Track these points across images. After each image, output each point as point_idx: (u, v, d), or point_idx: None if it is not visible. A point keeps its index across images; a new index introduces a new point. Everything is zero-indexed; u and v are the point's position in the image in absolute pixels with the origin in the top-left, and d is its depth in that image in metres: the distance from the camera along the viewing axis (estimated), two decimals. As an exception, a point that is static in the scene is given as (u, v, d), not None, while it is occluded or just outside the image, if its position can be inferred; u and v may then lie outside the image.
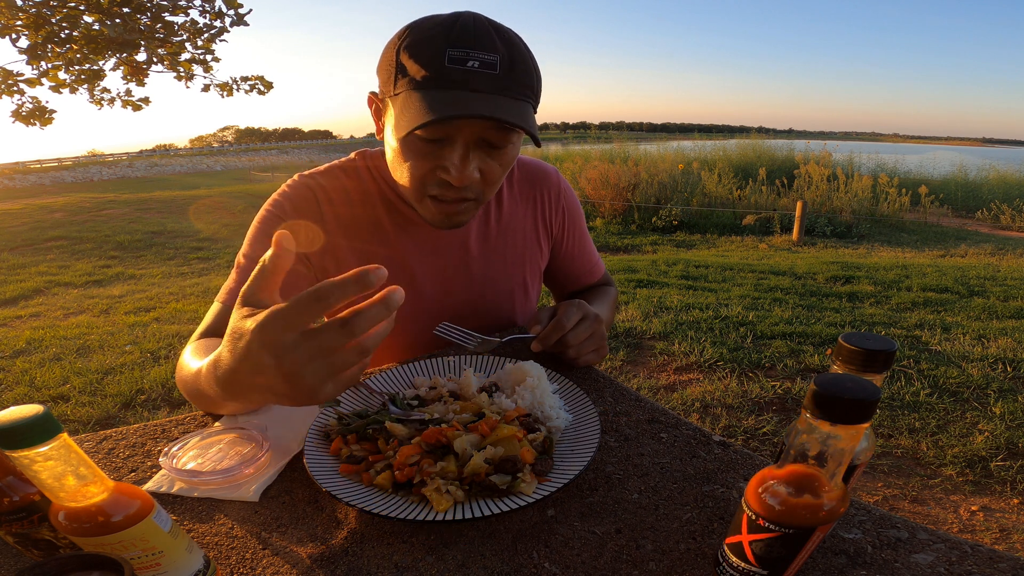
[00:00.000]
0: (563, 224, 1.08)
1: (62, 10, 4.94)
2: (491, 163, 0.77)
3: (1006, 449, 2.10)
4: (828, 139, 35.63)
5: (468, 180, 0.75)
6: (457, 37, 0.68)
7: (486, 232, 1.00)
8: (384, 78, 0.75)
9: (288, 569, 0.52)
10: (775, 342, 3.08)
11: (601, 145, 16.47)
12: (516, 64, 0.71)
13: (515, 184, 1.03)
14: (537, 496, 0.55)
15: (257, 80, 6.39)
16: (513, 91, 0.71)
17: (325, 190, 0.92)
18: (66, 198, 11.45)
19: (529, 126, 0.71)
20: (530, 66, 0.73)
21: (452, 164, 0.74)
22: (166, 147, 73.78)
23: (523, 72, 0.72)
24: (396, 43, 0.72)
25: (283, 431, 0.73)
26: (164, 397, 2.75)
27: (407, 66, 0.70)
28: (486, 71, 0.68)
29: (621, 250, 6.73)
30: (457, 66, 0.67)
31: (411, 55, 0.69)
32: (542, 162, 1.09)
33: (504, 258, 1.02)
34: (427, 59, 0.68)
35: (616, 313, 1.11)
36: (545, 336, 0.84)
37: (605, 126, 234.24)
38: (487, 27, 0.70)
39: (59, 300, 4.73)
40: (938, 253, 6.13)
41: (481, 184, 0.79)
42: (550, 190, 1.06)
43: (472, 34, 0.68)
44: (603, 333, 0.87)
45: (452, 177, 0.74)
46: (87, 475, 0.41)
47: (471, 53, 0.68)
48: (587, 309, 0.86)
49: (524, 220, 1.03)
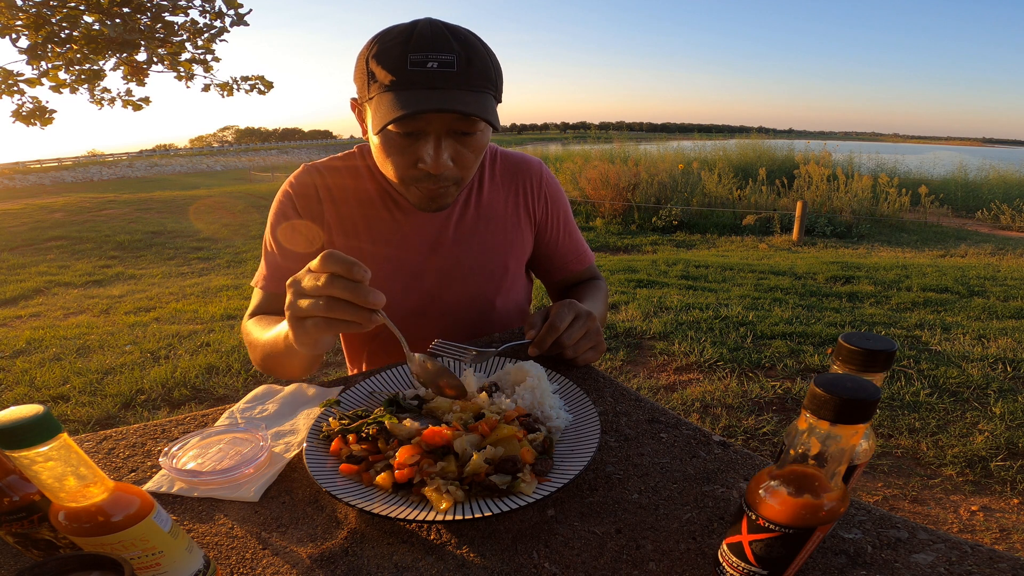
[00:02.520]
0: (546, 211, 1.12)
1: (62, 10, 4.94)
2: (462, 150, 0.85)
3: (1006, 449, 2.10)
4: (828, 139, 35.65)
5: (443, 168, 0.84)
6: (416, 43, 0.76)
7: (464, 218, 1.06)
8: (360, 85, 0.84)
9: (288, 569, 0.52)
10: (775, 342, 3.08)
11: (601, 145, 16.46)
12: (473, 60, 0.78)
13: (497, 174, 1.09)
14: (537, 496, 0.55)
15: (257, 80, 6.38)
16: (472, 85, 0.78)
17: (328, 188, 1.00)
18: (66, 198, 11.45)
19: (485, 113, 0.78)
20: (487, 61, 0.81)
21: (427, 155, 0.82)
22: (166, 147, 73.77)
23: (480, 67, 0.79)
24: (366, 53, 0.80)
25: (283, 431, 0.73)
26: (164, 397, 2.75)
27: (376, 73, 0.78)
28: (445, 70, 0.76)
29: (621, 250, 6.72)
30: (418, 68, 0.76)
31: (378, 63, 0.78)
32: (526, 155, 1.14)
33: (483, 241, 1.07)
34: (392, 65, 0.77)
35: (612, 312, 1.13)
36: (540, 340, 0.86)
37: (605, 126, 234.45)
38: (443, 31, 0.78)
39: (59, 300, 4.73)
40: (938, 253, 6.13)
41: (456, 170, 0.87)
42: (532, 179, 1.10)
43: (429, 39, 0.76)
44: (598, 329, 0.88)
45: (428, 167, 0.83)
46: (87, 475, 0.41)
47: (430, 55, 0.76)
48: (579, 308, 0.88)
49: (505, 207, 1.08)
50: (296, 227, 0.98)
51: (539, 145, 30.42)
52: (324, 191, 1.00)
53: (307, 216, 0.99)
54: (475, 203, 1.06)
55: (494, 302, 1.10)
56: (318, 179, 1.00)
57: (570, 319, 0.86)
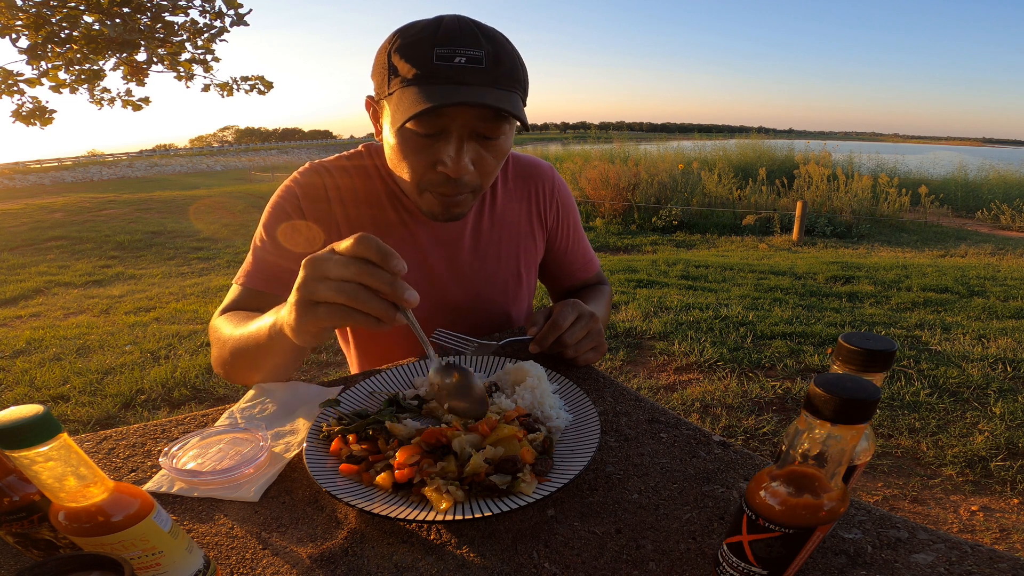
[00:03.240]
0: (557, 218, 1.11)
1: (62, 10, 4.94)
2: (485, 154, 0.81)
3: (1006, 449, 2.10)
4: (828, 139, 35.62)
5: (464, 171, 0.79)
6: (443, 37, 0.72)
7: (480, 226, 1.03)
8: (379, 81, 0.79)
9: (288, 569, 0.52)
10: (775, 342, 3.08)
11: (601, 145, 16.46)
12: (502, 58, 0.74)
13: (510, 179, 1.06)
14: (537, 496, 0.55)
15: (257, 80, 6.38)
16: (501, 83, 0.74)
17: (337, 188, 0.96)
18: (66, 198, 11.45)
19: (517, 110, 0.74)
20: (515, 60, 0.77)
21: (448, 156, 0.77)
22: (166, 147, 73.72)
23: (509, 66, 0.75)
24: (387, 47, 0.76)
25: (283, 431, 0.73)
26: (164, 397, 2.75)
27: (399, 67, 0.74)
28: (474, 66, 0.72)
29: (621, 250, 6.72)
30: (445, 63, 0.71)
31: (402, 56, 0.73)
32: (538, 159, 1.12)
33: (498, 251, 1.04)
34: (417, 58, 0.72)
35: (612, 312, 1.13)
36: (542, 337, 0.85)
37: (605, 126, 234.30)
38: (471, 26, 0.74)
39: (59, 300, 4.73)
40: (938, 253, 6.13)
41: (476, 175, 0.82)
42: (544, 185, 1.08)
43: (457, 33, 0.72)
44: (600, 330, 0.88)
45: (448, 169, 0.77)
46: (87, 475, 0.41)
47: (457, 50, 0.72)
48: (582, 308, 0.87)
49: (518, 213, 1.06)
50: (297, 227, 0.94)
51: (539, 145, 30.43)
52: (333, 191, 0.95)
53: (313, 216, 0.94)
54: (489, 210, 1.03)
55: (508, 310, 1.08)
56: (327, 179, 0.96)
57: (572, 318, 0.85)
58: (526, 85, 0.80)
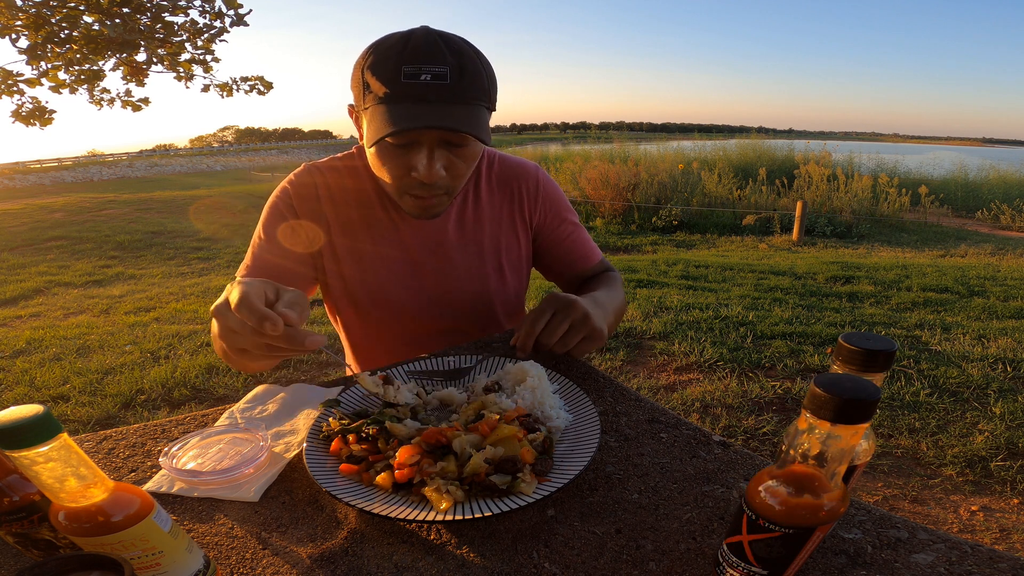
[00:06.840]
0: (544, 214, 1.14)
1: (62, 10, 4.93)
2: (455, 160, 0.86)
3: (1006, 449, 2.10)
4: (828, 139, 35.61)
5: (436, 178, 0.85)
6: (410, 54, 0.77)
7: (463, 222, 1.07)
8: (356, 94, 0.85)
9: (288, 569, 0.52)
10: (775, 342, 3.08)
11: (601, 145, 16.46)
12: (466, 71, 0.79)
13: (493, 179, 1.11)
14: (537, 496, 0.55)
15: (257, 80, 6.37)
16: (465, 96, 0.80)
17: (328, 187, 1.01)
18: (66, 198, 11.45)
19: (476, 129, 0.79)
20: (480, 71, 0.82)
21: (420, 164, 0.83)
22: (166, 147, 73.68)
23: (473, 78, 0.80)
24: (362, 63, 0.81)
25: (283, 431, 0.73)
26: (164, 397, 2.75)
27: (371, 84, 0.80)
28: (438, 82, 0.77)
29: (621, 250, 6.72)
30: (412, 80, 0.77)
31: (373, 74, 0.79)
32: (524, 160, 1.16)
33: (480, 245, 1.09)
34: (386, 77, 0.78)
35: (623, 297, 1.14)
36: (522, 344, 0.87)
37: (605, 126, 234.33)
38: (437, 41, 0.78)
39: (59, 300, 4.73)
40: (938, 253, 6.13)
41: (448, 179, 0.88)
42: (528, 184, 1.12)
43: (423, 50, 0.77)
44: (585, 316, 0.85)
45: (421, 175, 0.84)
46: (87, 475, 0.41)
47: (423, 67, 0.77)
48: (560, 301, 0.87)
49: (499, 211, 1.10)
50: (294, 227, 0.99)
51: (539, 145, 30.41)
52: (324, 190, 1.00)
53: (305, 215, 0.99)
54: (473, 207, 1.08)
55: (491, 301, 1.12)
56: (319, 178, 1.01)
57: (548, 317, 0.86)
58: (492, 94, 0.86)
